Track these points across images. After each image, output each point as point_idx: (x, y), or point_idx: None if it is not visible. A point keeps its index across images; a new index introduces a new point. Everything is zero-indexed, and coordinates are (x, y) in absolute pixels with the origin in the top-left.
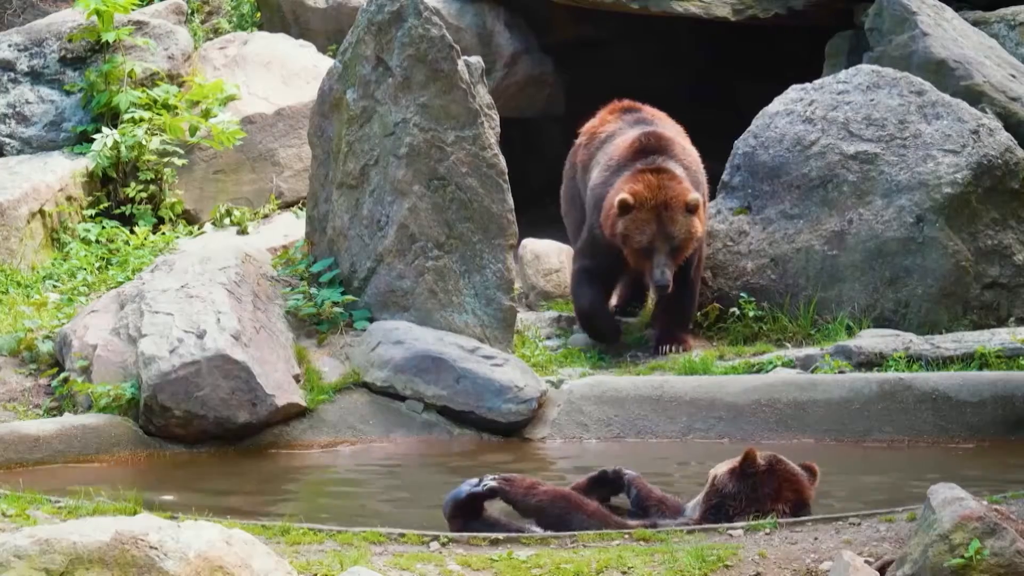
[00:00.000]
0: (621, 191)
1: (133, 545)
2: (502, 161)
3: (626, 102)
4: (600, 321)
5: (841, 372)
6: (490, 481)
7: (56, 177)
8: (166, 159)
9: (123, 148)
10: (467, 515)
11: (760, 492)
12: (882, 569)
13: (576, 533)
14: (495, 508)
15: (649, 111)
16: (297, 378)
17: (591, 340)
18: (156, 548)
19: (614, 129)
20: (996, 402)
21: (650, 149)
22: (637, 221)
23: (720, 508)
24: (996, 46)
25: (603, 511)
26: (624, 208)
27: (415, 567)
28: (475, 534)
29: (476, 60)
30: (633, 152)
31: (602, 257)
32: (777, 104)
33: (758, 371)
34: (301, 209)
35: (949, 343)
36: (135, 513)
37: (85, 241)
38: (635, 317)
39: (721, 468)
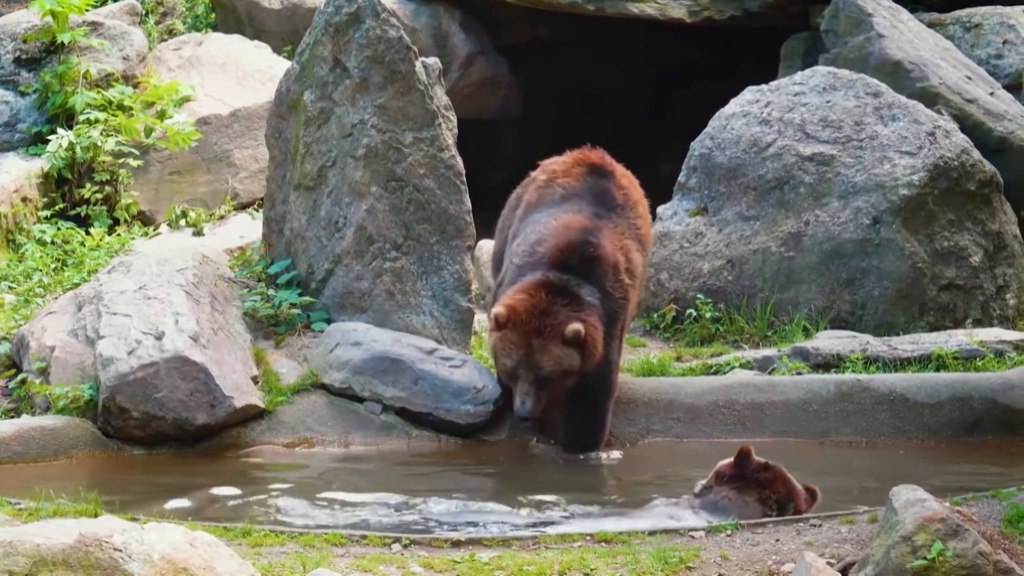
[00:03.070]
0: (502, 303)
1: (97, 547)
2: (459, 162)
3: (598, 158)
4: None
5: (799, 373)
6: None
7: (11, 178)
8: (121, 160)
9: (78, 149)
10: None
11: (752, 476)
12: (844, 571)
13: (538, 535)
14: None
15: (619, 181)
16: (255, 379)
17: None
18: (120, 550)
19: (571, 192)
20: (953, 403)
21: (574, 264)
22: (505, 341)
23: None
24: (952, 48)
25: None
26: (497, 323)
27: (377, 569)
28: (436, 536)
29: (433, 61)
30: (561, 255)
31: None
32: (733, 106)
33: (716, 372)
34: (257, 210)
35: (906, 344)
36: (96, 515)
37: (40, 242)
38: None
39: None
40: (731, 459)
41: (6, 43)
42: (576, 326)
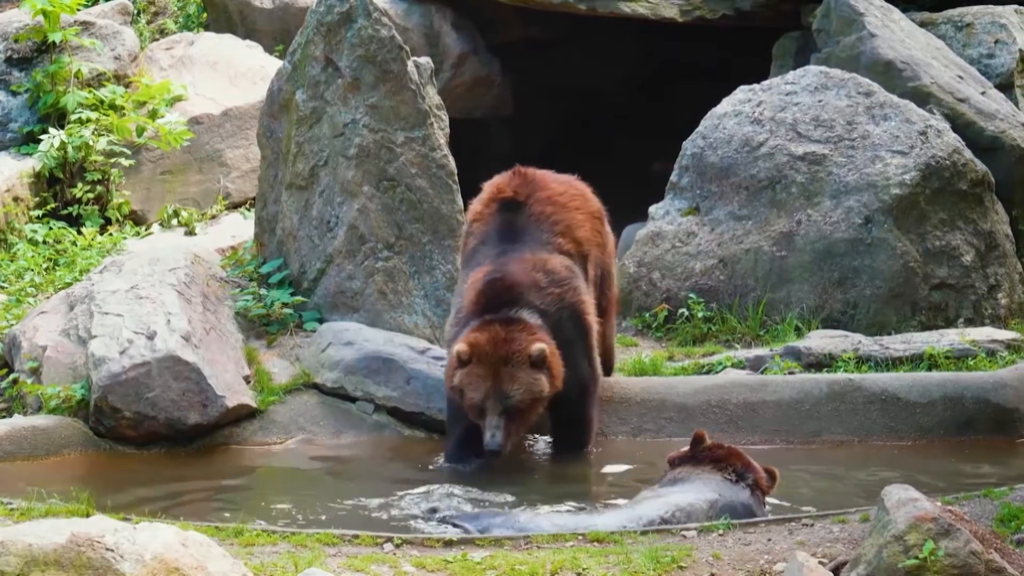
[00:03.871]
0: (461, 342)
1: (89, 547)
2: (451, 162)
3: (510, 191)
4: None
5: (791, 373)
6: None
7: (3, 178)
8: (113, 160)
9: (70, 149)
10: None
11: (704, 455)
12: (836, 570)
13: (530, 534)
14: None
15: (532, 208)
16: (247, 379)
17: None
18: (112, 550)
19: (480, 239)
20: (945, 403)
21: (497, 301)
22: (472, 376)
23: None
24: (943, 47)
25: None
26: (460, 360)
27: (369, 568)
28: (429, 535)
29: (425, 61)
30: (479, 306)
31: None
32: (725, 105)
33: (708, 372)
34: (248, 210)
35: (898, 344)
36: (88, 515)
37: (32, 242)
38: None
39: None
40: (681, 449)
41: None
42: (540, 345)
